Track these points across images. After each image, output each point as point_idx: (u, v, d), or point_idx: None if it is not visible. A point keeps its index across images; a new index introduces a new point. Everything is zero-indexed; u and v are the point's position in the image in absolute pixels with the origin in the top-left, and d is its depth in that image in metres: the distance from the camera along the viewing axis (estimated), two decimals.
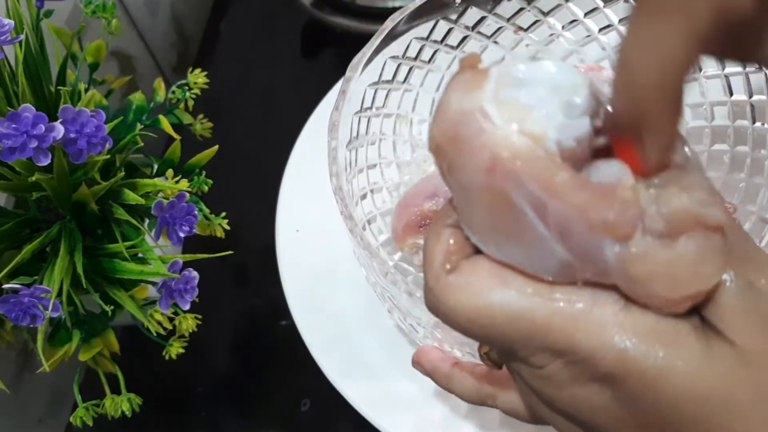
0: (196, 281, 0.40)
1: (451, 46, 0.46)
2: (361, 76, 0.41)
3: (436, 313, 0.22)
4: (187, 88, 0.49)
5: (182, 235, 0.40)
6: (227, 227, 0.48)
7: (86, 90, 0.43)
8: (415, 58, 0.45)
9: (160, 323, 0.41)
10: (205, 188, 0.48)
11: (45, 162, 0.36)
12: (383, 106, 0.45)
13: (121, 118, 0.48)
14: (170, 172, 0.45)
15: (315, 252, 0.50)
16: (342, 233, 0.37)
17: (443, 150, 0.20)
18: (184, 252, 0.54)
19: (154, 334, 0.41)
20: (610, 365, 0.20)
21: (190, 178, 0.47)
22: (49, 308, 0.37)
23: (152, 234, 0.41)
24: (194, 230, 0.41)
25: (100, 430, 0.46)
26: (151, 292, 0.42)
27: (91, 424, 0.42)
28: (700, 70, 0.43)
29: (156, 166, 0.48)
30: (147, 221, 0.44)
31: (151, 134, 0.46)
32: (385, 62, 0.43)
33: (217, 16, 0.79)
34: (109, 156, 0.40)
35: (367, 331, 0.46)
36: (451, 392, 0.35)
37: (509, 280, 0.21)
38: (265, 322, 0.57)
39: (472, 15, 0.44)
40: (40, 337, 0.40)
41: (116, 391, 0.43)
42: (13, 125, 0.35)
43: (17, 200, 0.47)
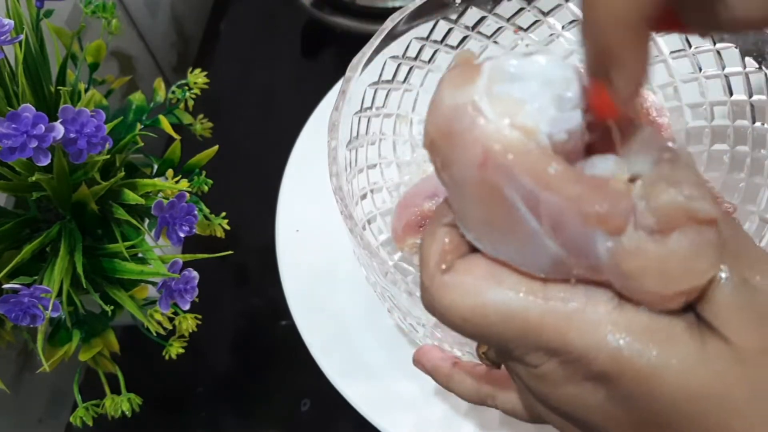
0: (196, 281, 0.40)
1: (451, 46, 0.46)
2: (361, 76, 0.41)
3: (433, 313, 0.22)
4: (187, 88, 0.49)
5: (182, 235, 0.40)
6: (227, 227, 0.48)
7: (86, 90, 0.43)
8: (415, 58, 0.45)
9: (160, 323, 0.41)
10: (205, 188, 0.48)
11: (45, 162, 0.36)
12: (383, 106, 0.45)
13: (121, 118, 0.48)
14: (170, 172, 0.45)
15: (315, 252, 0.50)
16: (342, 233, 0.37)
17: (437, 145, 0.20)
18: (184, 252, 0.54)
19: (154, 334, 0.41)
20: (604, 364, 0.20)
21: (190, 178, 0.47)
22: (49, 308, 0.37)
23: (152, 234, 0.41)
24: (194, 230, 0.41)
25: (100, 430, 0.46)
26: (151, 292, 0.42)
27: (91, 424, 0.42)
28: (690, 46, 0.43)
29: (156, 166, 0.48)
30: (147, 221, 0.44)
31: (151, 134, 0.46)
32: (385, 62, 0.43)
33: (217, 16, 0.79)
34: (109, 156, 0.40)
35: (367, 331, 0.46)
36: (450, 391, 0.35)
37: (503, 279, 0.21)
38: (265, 322, 0.57)
39: (472, 15, 0.44)
40: (40, 337, 0.40)
41: (116, 391, 0.43)
42: (13, 125, 0.35)
43: (17, 200, 0.47)
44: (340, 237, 0.40)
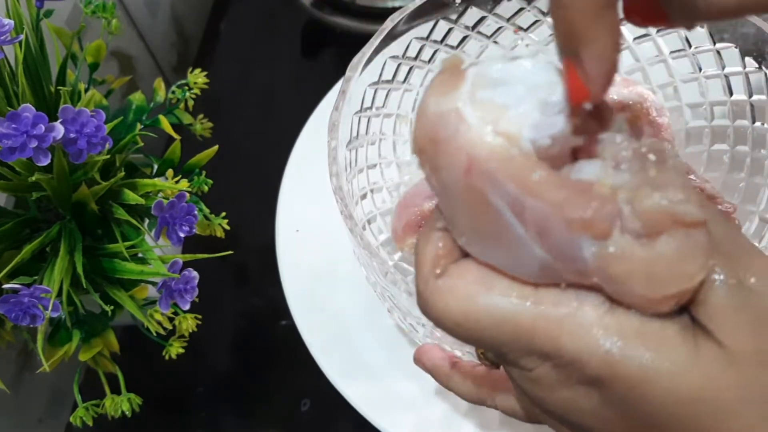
0: (196, 281, 0.40)
1: (451, 46, 0.46)
2: (361, 76, 0.41)
3: (428, 317, 0.22)
4: (187, 88, 0.49)
5: (182, 235, 0.40)
6: (227, 227, 0.48)
7: (86, 90, 0.43)
8: (415, 58, 0.45)
9: (160, 323, 0.41)
10: (205, 188, 0.48)
11: (45, 162, 0.36)
12: (383, 106, 0.45)
13: (121, 118, 0.48)
14: (170, 172, 0.45)
15: (315, 252, 0.50)
16: (342, 233, 0.37)
17: (424, 152, 0.20)
18: (184, 252, 0.54)
19: (154, 334, 0.41)
20: (596, 368, 0.19)
21: (190, 178, 0.47)
22: (49, 308, 0.37)
23: (152, 234, 0.41)
24: (194, 230, 0.41)
25: (100, 430, 0.46)
26: (151, 292, 0.42)
27: (91, 424, 0.42)
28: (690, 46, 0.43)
29: (156, 166, 0.48)
30: (147, 221, 0.44)
31: (151, 134, 0.46)
32: (385, 62, 0.43)
33: (217, 16, 0.79)
34: (109, 156, 0.40)
35: (367, 331, 0.46)
36: (450, 391, 0.35)
37: (494, 284, 0.21)
38: (265, 322, 0.57)
39: (472, 15, 0.44)
40: (40, 337, 0.40)
41: (116, 391, 0.43)
42: (13, 125, 0.35)
43: (17, 200, 0.47)
44: (340, 237, 0.40)
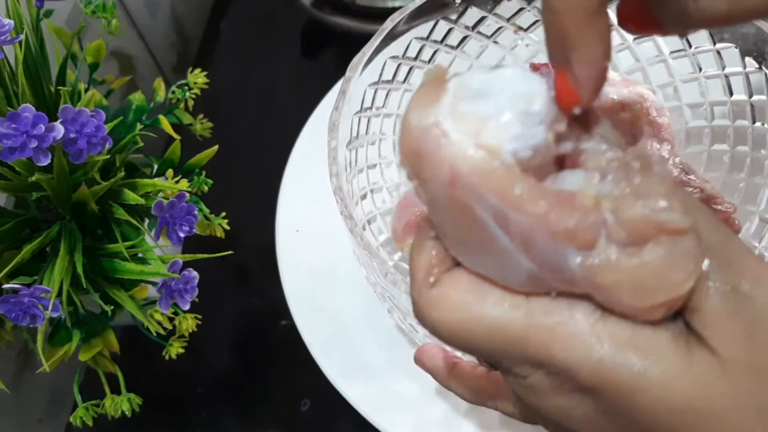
0: (196, 281, 0.40)
1: (451, 46, 0.46)
2: (361, 76, 0.41)
3: (422, 325, 0.22)
4: (187, 88, 0.49)
5: (182, 235, 0.40)
6: (227, 227, 0.48)
7: (86, 90, 0.43)
8: (415, 58, 0.45)
9: (160, 323, 0.41)
10: (205, 188, 0.48)
11: (45, 162, 0.36)
12: (383, 106, 0.45)
13: (121, 118, 0.48)
14: (170, 172, 0.45)
15: (315, 252, 0.50)
16: (342, 233, 0.37)
17: (410, 165, 0.20)
18: (184, 252, 0.54)
19: (154, 334, 0.41)
20: (588, 377, 0.19)
21: (190, 178, 0.47)
22: (49, 308, 0.37)
23: (152, 234, 0.41)
24: (194, 230, 0.41)
25: (100, 430, 0.46)
26: (151, 292, 0.42)
27: (91, 424, 0.42)
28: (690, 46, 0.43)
29: (156, 166, 0.48)
30: (147, 221, 0.44)
31: (151, 134, 0.46)
32: (385, 62, 0.43)
33: (217, 16, 0.79)
34: (109, 156, 0.40)
35: (367, 331, 0.46)
36: (450, 391, 0.35)
37: (486, 294, 0.21)
38: (265, 322, 0.57)
39: (472, 15, 0.44)
40: (40, 337, 0.40)
41: (116, 391, 0.43)
42: (13, 125, 0.35)
43: (17, 200, 0.47)
44: (340, 237, 0.40)
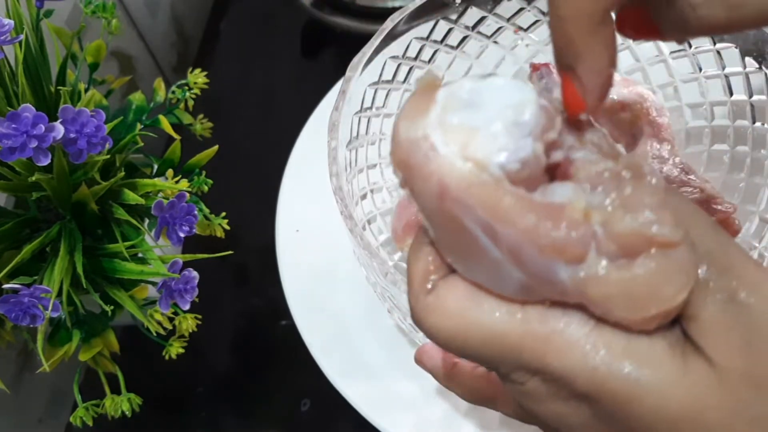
0: (196, 281, 0.40)
1: (451, 46, 0.46)
2: (361, 76, 0.41)
3: (421, 330, 0.22)
4: (187, 88, 0.49)
5: (182, 235, 0.40)
6: (227, 227, 0.48)
7: (86, 90, 0.43)
8: (415, 58, 0.45)
9: (160, 323, 0.41)
10: (205, 188, 0.48)
11: (45, 162, 0.36)
12: (383, 106, 0.45)
13: (121, 118, 0.48)
14: (170, 172, 0.45)
15: (315, 252, 0.50)
16: (342, 233, 0.37)
17: (401, 175, 0.20)
18: (184, 252, 0.54)
19: (154, 334, 0.41)
20: (584, 386, 0.19)
21: (190, 178, 0.47)
22: (49, 308, 0.37)
23: (152, 234, 0.41)
24: (194, 230, 0.41)
25: (100, 430, 0.46)
26: (151, 292, 0.42)
27: (91, 424, 0.42)
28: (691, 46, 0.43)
29: (156, 166, 0.48)
30: (147, 221, 0.44)
31: (151, 134, 0.46)
32: (385, 62, 0.43)
33: (217, 16, 0.79)
34: (109, 156, 0.40)
35: (367, 331, 0.46)
36: (451, 391, 0.35)
37: (482, 302, 0.21)
38: (265, 322, 0.57)
39: (472, 15, 0.44)
40: (40, 337, 0.40)
41: (116, 391, 0.43)
42: (13, 125, 0.35)
43: (17, 200, 0.47)
44: (340, 237, 0.40)
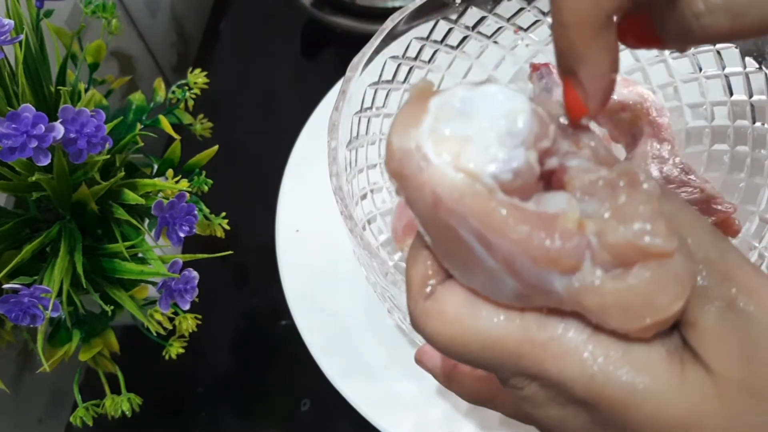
0: (196, 281, 0.40)
1: (451, 46, 0.46)
2: (361, 76, 0.41)
3: (419, 334, 0.22)
4: (187, 88, 0.49)
5: (182, 235, 0.41)
6: (227, 227, 0.48)
7: (86, 90, 0.43)
8: (415, 58, 0.45)
9: (160, 323, 0.41)
10: (205, 188, 0.48)
11: (45, 162, 0.36)
12: (383, 106, 0.45)
13: (121, 118, 0.48)
14: (170, 172, 0.45)
15: (315, 252, 0.50)
16: (342, 233, 0.37)
17: (397, 184, 0.20)
18: (184, 252, 0.54)
19: (154, 334, 0.41)
20: (582, 392, 0.19)
21: (190, 178, 0.47)
22: (49, 308, 0.37)
23: (152, 234, 0.41)
24: (194, 230, 0.41)
25: (100, 430, 0.46)
26: (151, 292, 0.42)
27: (91, 424, 0.42)
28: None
29: (156, 166, 0.48)
30: (147, 221, 0.44)
31: (151, 134, 0.46)
32: (385, 62, 0.43)
33: (217, 16, 0.79)
34: (109, 156, 0.40)
35: (367, 331, 0.46)
36: (451, 391, 0.35)
37: (480, 308, 0.21)
38: (265, 322, 0.57)
39: (472, 15, 0.44)
40: (40, 337, 0.40)
41: (116, 391, 0.43)
42: (13, 125, 0.35)
43: (17, 200, 0.47)
44: (340, 237, 0.40)
